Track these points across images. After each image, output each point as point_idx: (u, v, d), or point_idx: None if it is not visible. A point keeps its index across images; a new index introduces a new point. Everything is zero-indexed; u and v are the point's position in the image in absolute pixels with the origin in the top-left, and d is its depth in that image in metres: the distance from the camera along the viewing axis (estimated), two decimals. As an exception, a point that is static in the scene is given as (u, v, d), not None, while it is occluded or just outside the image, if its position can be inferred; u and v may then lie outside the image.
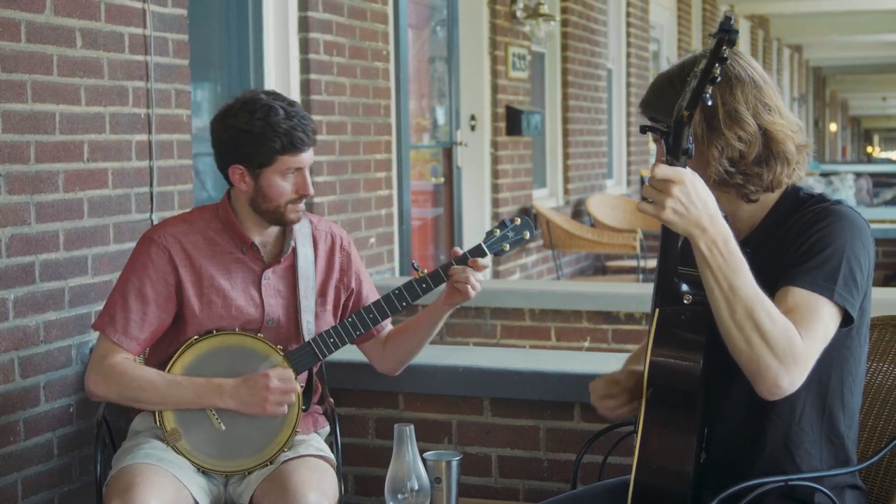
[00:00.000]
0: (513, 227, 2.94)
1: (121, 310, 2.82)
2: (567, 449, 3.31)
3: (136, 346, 2.83)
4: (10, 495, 3.25)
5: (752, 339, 2.02)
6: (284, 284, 2.92)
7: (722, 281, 2.02)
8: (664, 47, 12.49)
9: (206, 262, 2.86)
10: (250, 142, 2.77)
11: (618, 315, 4.79)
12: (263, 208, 2.84)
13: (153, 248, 2.84)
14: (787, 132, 2.21)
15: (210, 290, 2.86)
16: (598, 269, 9.13)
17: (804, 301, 2.08)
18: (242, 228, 2.89)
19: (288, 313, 2.92)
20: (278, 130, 2.75)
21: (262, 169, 2.80)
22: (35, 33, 3.32)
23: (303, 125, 2.78)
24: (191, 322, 2.86)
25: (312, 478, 2.72)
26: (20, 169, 3.27)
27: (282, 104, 2.78)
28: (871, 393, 2.51)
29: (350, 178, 5.22)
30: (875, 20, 17.27)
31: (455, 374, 3.40)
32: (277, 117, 2.75)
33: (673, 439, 2.17)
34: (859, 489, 2.31)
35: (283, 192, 2.81)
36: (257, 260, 2.91)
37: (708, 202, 2.01)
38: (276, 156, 2.78)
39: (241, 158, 2.81)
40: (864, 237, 2.16)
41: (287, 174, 2.80)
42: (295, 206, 2.84)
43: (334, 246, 3.02)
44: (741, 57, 2.24)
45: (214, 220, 2.91)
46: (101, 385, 2.80)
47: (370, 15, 5.42)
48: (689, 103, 1.99)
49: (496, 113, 7.21)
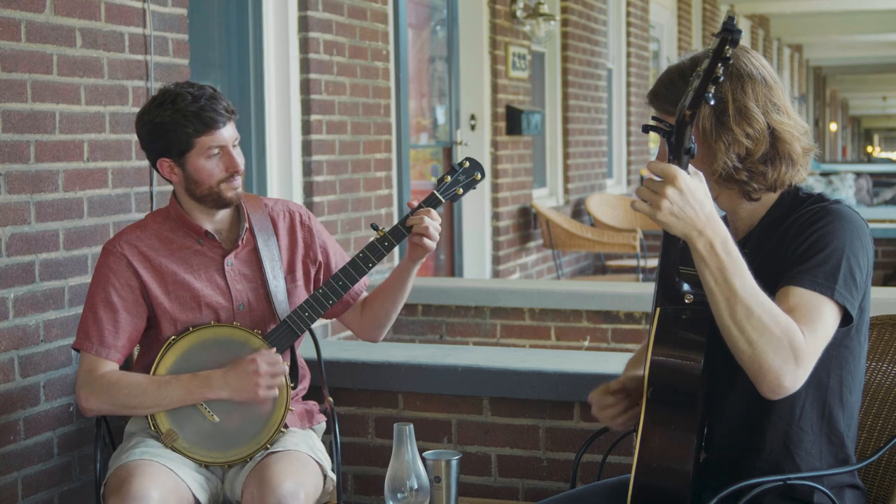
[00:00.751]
0: (463, 171, 2.94)
1: (93, 324, 2.85)
2: (566, 448, 3.31)
3: (116, 353, 2.85)
4: (9, 494, 3.25)
5: (753, 340, 2.01)
6: (249, 268, 2.94)
7: (721, 283, 2.01)
8: (664, 47, 12.49)
9: (165, 260, 2.90)
10: (165, 132, 2.81)
11: (618, 314, 4.79)
12: (199, 194, 2.87)
13: (111, 258, 2.88)
14: (794, 133, 2.21)
15: (175, 286, 2.89)
16: (598, 268, 9.13)
17: (805, 300, 2.08)
18: (193, 220, 2.91)
19: (258, 295, 2.94)
20: (187, 114, 2.79)
21: (185, 156, 2.83)
22: (35, 33, 3.32)
23: (212, 104, 2.81)
24: (165, 321, 2.88)
25: (291, 468, 2.73)
26: (20, 168, 3.28)
27: (189, 90, 2.82)
28: (871, 392, 2.51)
29: (350, 178, 5.22)
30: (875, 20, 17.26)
31: (455, 373, 3.40)
32: (185, 102, 2.79)
33: (673, 438, 2.17)
34: (858, 489, 2.31)
35: (211, 173, 2.84)
36: (216, 247, 2.94)
37: (704, 203, 2.01)
38: (193, 139, 2.81)
39: (164, 151, 2.85)
40: (863, 237, 2.16)
41: (210, 155, 2.83)
42: (229, 183, 2.86)
43: (293, 222, 3.04)
44: (753, 55, 2.24)
45: (167, 221, 2.95)
46: (92, 399, 2.82)
47: (370, 14, 5.42)
48: (691, 102, 1.99)
49: (496, 112, 7.21)
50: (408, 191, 5.93)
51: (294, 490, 2.67)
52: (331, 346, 3.86)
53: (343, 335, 5.08)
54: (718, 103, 2.16)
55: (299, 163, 4.88)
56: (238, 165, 2.86)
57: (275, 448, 2.82)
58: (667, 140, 2.06)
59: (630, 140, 10.83)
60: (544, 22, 7.57)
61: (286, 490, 2.65)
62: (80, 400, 2.84)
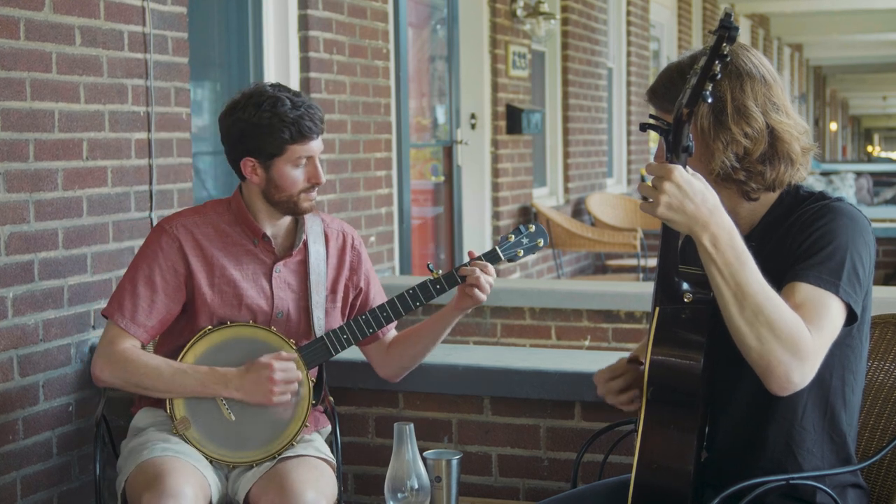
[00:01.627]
0: (527, 234, 2.97)
1: (129, 296, 2.83)
2: (567, 448, 3.30)
3: (144, 333, 2.84)
4: (9, 494, 3.25)
5: (762, 335, 2.00)
6: (295, 279, 2.94)
7: (729, 278, 2.00)
8: (664, 46, 12.49)
9: (217, 252, 2.88)
10: (259, 134, 2.80)
11: (618, 314, 4.79)
12: (277, 199, 2.86)
13: (164, 238, 2.87)
14: (793, 133, 2.20)
15: (221, 279, 2.87)
16: (599, 268, 9.13)
17: (812, 296, 2.07)
18: (255, 220, 2.91)
19: (298, 307, 2.93)
20: (286, 120, 2.78)
21: (273, 160, 2.82)
22: (34, 31, 3.31)
23: (310, 114, 2.81)
24: (202, 311, 2.87)
25: (310, 476, 2.72)
26: (19, 167, 3.27)
27: (287, 95, 2.82)
28: (873, 392, 2.51)
29: (350, 177, 5.22)
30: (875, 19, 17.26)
31: (455, 372, 3.39)
32: (284, 108, 2.78)
33: (673, 438, 2.17)
34: (861, 488, 2.30)
35: (295, 181, 2.84)
36: (269, 252, 2.92)
37: (707, 196, 2.00)
38: (286, 146, 2.81)
39: (252, 151, 2.83)
40: (865, 234, 2.16)
41: (298, 163, 2.83)
42: (308, 194, 2.87)
43: (345, 244, 3.04)
44: (753, 53, 2.23)
45: (227, 213, 2.93)
46: (107, 370, 2.81)
47: (370, 13, 5.42)
48: (688, 100, 1.98)
49: (496, 112, 7.21)
50: (408, 190, 5.93)
51: (316, 499, 2.67)
52: (331, 345, 3.85)
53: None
54: (717, 102, 2.15)
55: (299, 162, 4.87)
56: (322, 178, 2.88)
57: (287, 453, 2.81)
58: (665, 139, 2.05)
59: (630, 139, 10.83)
60: (544, 21, 7.57)
61: (309, 500, 2.65)
62: (94, 368, 2.83)
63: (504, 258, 2.94)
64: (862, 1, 16.17)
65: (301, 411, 2.83)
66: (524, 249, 2.96)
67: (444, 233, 7.15)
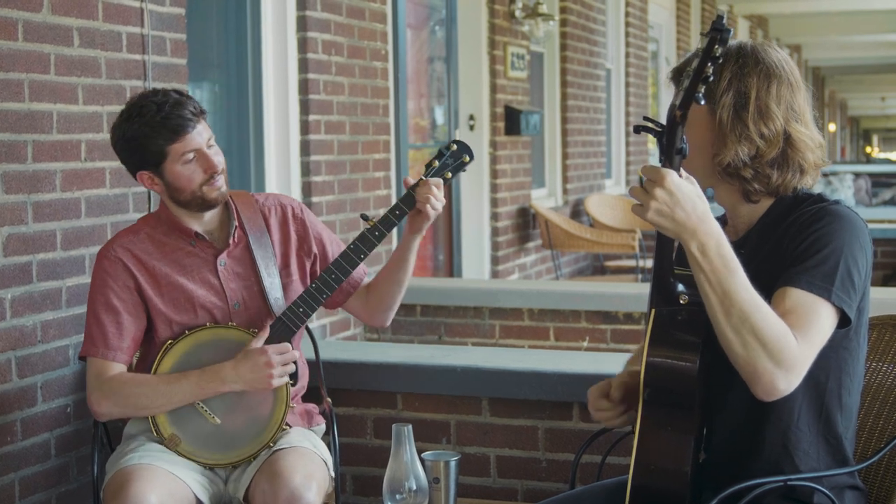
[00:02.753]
0: (451, 154, 2.92)
1: (96, 328, 2.85)
2: (565, 449, 3.31)
3: (122, 354, 2.85)
4: (7, 495, 3.25)
5: (747, 342, 2.01)
6: (242, 266, 2.93)
7: (716, 285, 2.01)
8: (663, 47, 12.48)
9: (158, 263, 2.89)
10: (137, 146, 2.81)
11: (616, 315, 4.79)
12: (183, 199, 2.86)
13: (106, 262, 2.88)
14: (808, 143, 2.20)
15: (169, 288, 2.88)
16: (597, 268, 9.12)
17: (802, 302, 2.07)
18: (182, 223, 2.91)
19: (252, 293, 2.93)
20: (154, 125, 2.77)
21: (162, 165, 2.82)
22: (32, 32, 3.31)
23: (178, 110, 2.78)
24: (160, 322, 2.88)
25: (299, 462, 2.73)
26: (17, 168, 3.27)
27: (154, 99, 2.80)
28: (871, 393, 2.51)
29: (348, 178, 5.21)
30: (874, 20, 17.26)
31: (453, 373, 3.40)
32: (150, 113, 2.77)
33: (670, 440, 2.17)
34: (859, 489, 2.31)
35: (190, 178, 2.83)
36: (208, 248, 2.93)
37: (697, 204, 2.00)
38: (165, 148, 2.79)
39: (140, 164, 2.84)
40: (861, 237, 2.15)
41: (187, 160, 2.81)
42: (211, 185, 2.84)
43: (286, 216, 3.03)
44: (783, 57, 2.22)
45: (159, 224, 2.94)
46: (104, 403, 2.81)
47: (369, 14, 5.42)
48: (681, 103, 1.99)
49: (495, 113, 7.21)
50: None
51: (306, 481, 2.67)
52: (329, 346, 3.86)
53: (342, 335, 5.07)
54: (740, 98, 2.16)
55: (297, 163, 4.87)
56: (216, 165, 2.84)
57: (279, 445, 2.81)
58: (658, 141, 2.05)
59: (629, 140, 10.83)
60: (543, 22, 7.57)
61: (298, 482, 2.66)
62: (92, 405, 2.84)
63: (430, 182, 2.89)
64: (860, 2, 16.17)
65: (282, 394, 2.83)
66: (451, 170, 2.91)
67: (442, 233, 7.15)
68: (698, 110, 2.07)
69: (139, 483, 2.62)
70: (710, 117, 2.19)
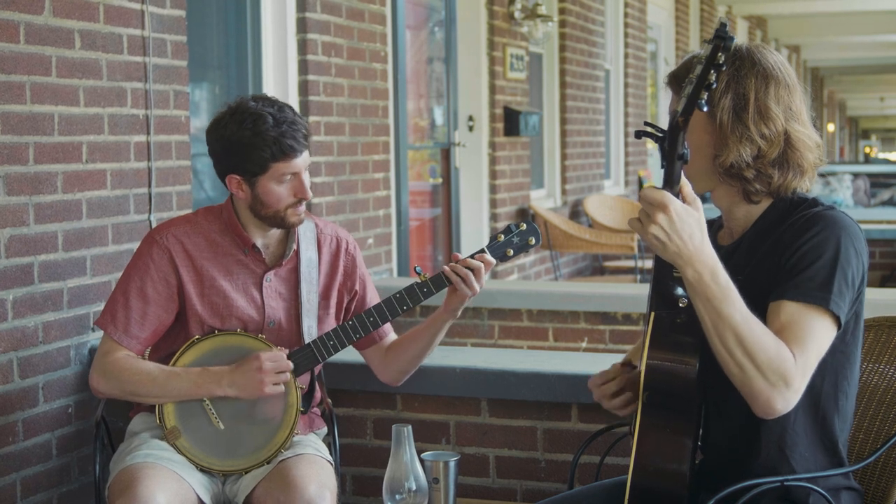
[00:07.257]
0: (518, 233, 2.91)
1: (122, 308, 2.84)
2: (564, 449, 3.32)
3: (137, 344, 2.86)
4: (8, 495, 3.26)
5: (743, 364, 2.03)
6: (286, 287, 2.93)
7: (711, 311, 2.03)
8: (662, 48, 12.49)
9: (207, 263, 2.88)
10: (241, 152, 2.78)
11: (615, 316, 4.80)
12: (263, 214, 2.85)
13: (155, 249, 2.87)
14: (807, 143, 2.22)
15: (211, 290, 2.87)
16: (596, 269, 9.13)
17: (797, 316, 2.09)
18: (244, 231, 2.90)
19: (289, 316, 2.93)
20: (267, 139, 2.75)
21: (257, 177, 2.80)
22: (34, 34, 3.32)
23: (292, 131, 2.77)
24: (193, 321, 2.88)
25: (311, 471, 2.74)
26: (19, 170, 3.28)
27: (270, 110, 2.78)
28: (867, 394, 2.52)
29: (348, 179, 5.23)
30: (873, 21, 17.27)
31: (453, 374, 3.41)
32: (266, 125, 2.75)
33: (669, 441, 2.18)
34: (855, 490, 2.32)
35: (280, 197, 2.82)
36: (259, 262, 2.92)
37: (694, 233, 2.01)
38: (269, 164, 2.78)
39: (235, 168, 2.82)
40: (856, 243, 2.16)
41: (282, 180, 2.81)
42: (295, 209, 2.85)
43: (339, 249, 3.03)
44: (777, 58, 2.24)
45: (217, 222, 2.93)
46: (102, 382, 2.84)
47: (368, 16, 5.43)
48: (684, 109, 1.99)
49: (494, 114, 7.22)
50: (406, 192, 5.94)
51: (320, 491, 2.69)
52: (329, 347, 3.86)
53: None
54: (739, 99, 2.17)
55: (297, 164, 4.88)
56: (308, 193, 2.84)
57: (285, 454, 2.82)
58: (659, 146, 2.06)
59: (628, 141, 10.84)
60: (542, 23, 7.58)
61: (313, 492, 2.67)
62: (91, 381, 2.87)
63: (492, 258, 2.87)
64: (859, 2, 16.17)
65: (289, 418, 2.83)
66: (514, 248, 2.89)
67: (441, 234, 7.16)
68: (697, 114, 2.09)
69: (147, 482, 2.63)
70: (709, 120, 2.20)
